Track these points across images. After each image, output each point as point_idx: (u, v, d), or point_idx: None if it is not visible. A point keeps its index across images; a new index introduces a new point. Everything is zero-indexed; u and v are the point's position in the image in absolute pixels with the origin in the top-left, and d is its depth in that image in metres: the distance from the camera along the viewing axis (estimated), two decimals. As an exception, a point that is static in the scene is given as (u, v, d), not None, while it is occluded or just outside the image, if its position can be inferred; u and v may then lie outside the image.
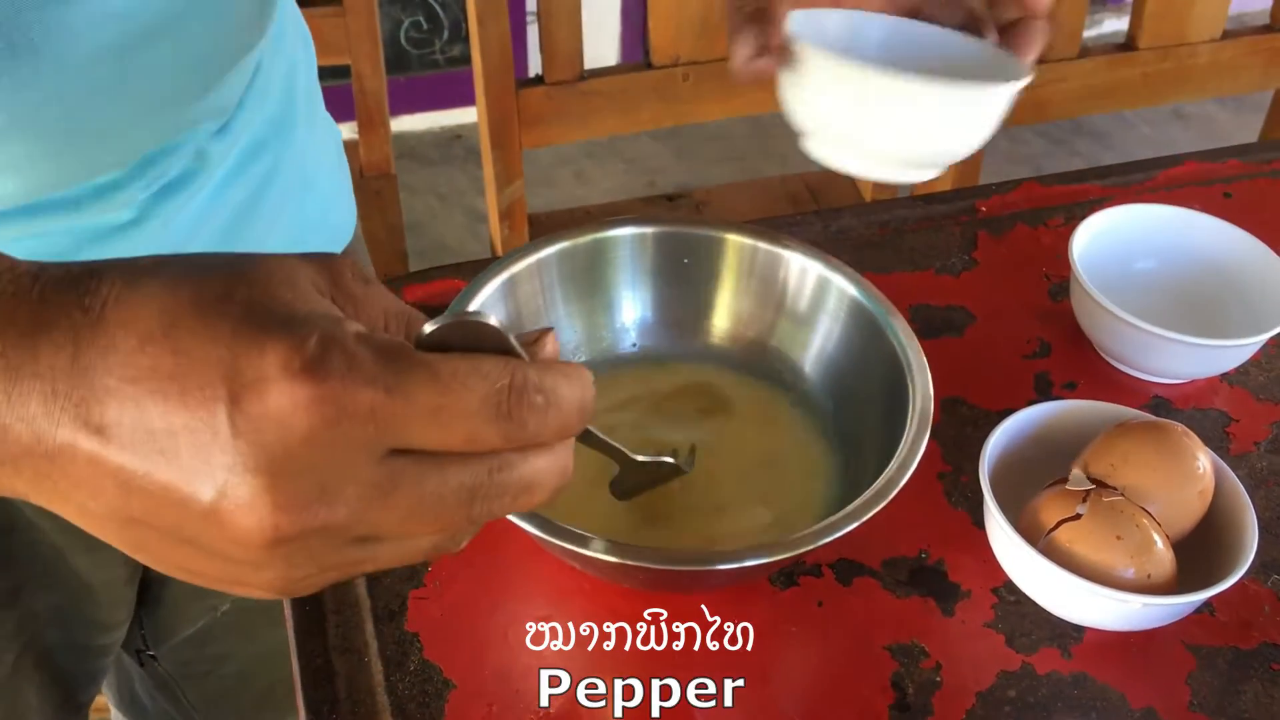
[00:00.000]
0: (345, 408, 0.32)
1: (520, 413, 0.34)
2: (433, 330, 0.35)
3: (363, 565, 0.36)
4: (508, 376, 0.34)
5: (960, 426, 0.66)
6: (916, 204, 0.82)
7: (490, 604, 0.57)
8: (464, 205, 2.17)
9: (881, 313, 0.60)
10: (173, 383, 0.32)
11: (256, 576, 0.35)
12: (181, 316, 0.33)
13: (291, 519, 0.33)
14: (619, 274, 0.65)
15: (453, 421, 0.33)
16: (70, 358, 0.33)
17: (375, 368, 0.33)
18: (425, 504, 0.34)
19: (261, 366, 0.32)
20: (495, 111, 1.19)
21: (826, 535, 0.51)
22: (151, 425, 0.32)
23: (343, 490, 0.33)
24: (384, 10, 2.11)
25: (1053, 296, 0.75)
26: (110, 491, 0.34)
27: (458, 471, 0.34)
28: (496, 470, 0.35)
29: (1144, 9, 1.28)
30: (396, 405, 0.33)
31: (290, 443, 0.32)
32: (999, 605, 0.58)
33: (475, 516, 0.35)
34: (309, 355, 0.32)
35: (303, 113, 0.70)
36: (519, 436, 0.35)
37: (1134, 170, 0.85)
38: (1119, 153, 2.32)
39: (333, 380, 0.32)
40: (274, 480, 0.32)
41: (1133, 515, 0.55)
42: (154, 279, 0.34)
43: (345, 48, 1.31)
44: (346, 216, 0.77)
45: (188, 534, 0.34)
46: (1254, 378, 0.70)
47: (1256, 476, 0.65)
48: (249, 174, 0.65)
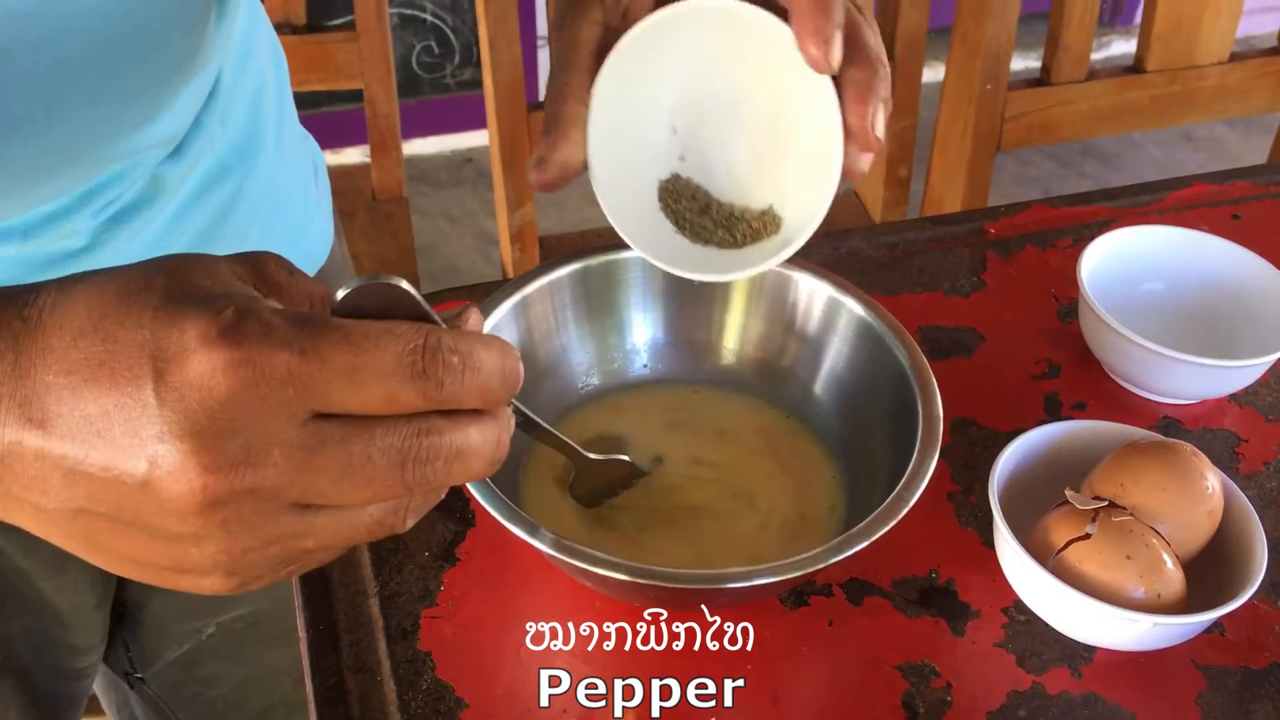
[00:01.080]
0: (263, 369, 0.34)
1: (435, 371, 0.35)
2: (346, 294, 0.36)
3: (303, 539, 0.37)
4: (421, 337, 0.35)
5: (970, 447, 0.67)
6: (925, 226, 0.82)
7: (502, 623, 0.57)
8: (475, 228, 2.18)
9: (890, 334, 0.61)
10: (103, 368, 0.34)
11: (199, 553, 0.36)
12: (108, 309, 0.35)
13: (219, 479, 0.34)
14: (630, 296, 0.65)
15: (369, 381, 0.35)
16: (11, 363, 0.35)
17: (290, 332, 0.34)
18: (354, 465, 0.35)
19: (181, 340, 0.34)
20: (506, 135, 1.20)
21: (836, 554, 0.51)
22: (87, 411, 0.34)
23: (268, 451, 0.35)
24: (396, 35, 2.13)
25: (1061, 318, 0.75)
26: (57, 483, 0.35)
27: (384, 433, 0.36)
28: (425, 433, 0.36)
29: (1151, 32, 1.29)
30: (312, 366, 0.34)
31: (212, 406, 0.34)
32: (1009, 625, 0.58)
33: (409, 481, 0.36)
34: (225, 323, 0.34)
35: (271, 134, 0.70)
36: (437, 396, 0.36)
37: (1142, 192, 0.86)
38: (1128, 174, 2.32)
39: (248, 344, 0.34)
40: (200, 443, 0.34)
41: (1142, 535, 0.55)
42: (84, 283, 0.36)
43: (358, 72, 1.32)
44: (322, 238, 0.77)
45: (129, 513, 0.35)
46: (1263, 398, 0.71)
47: (1266, 497, 0.65)
48: (211, 198, 0.65)
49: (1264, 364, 0.67)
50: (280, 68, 0.73)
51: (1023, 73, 1.36)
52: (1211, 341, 0.70)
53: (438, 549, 0.60)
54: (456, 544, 0.61)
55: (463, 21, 2.20)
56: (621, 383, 0.66)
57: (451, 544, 0.61)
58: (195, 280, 0.36)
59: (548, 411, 0.64)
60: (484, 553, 0.60)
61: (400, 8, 2.14)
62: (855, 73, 0.50)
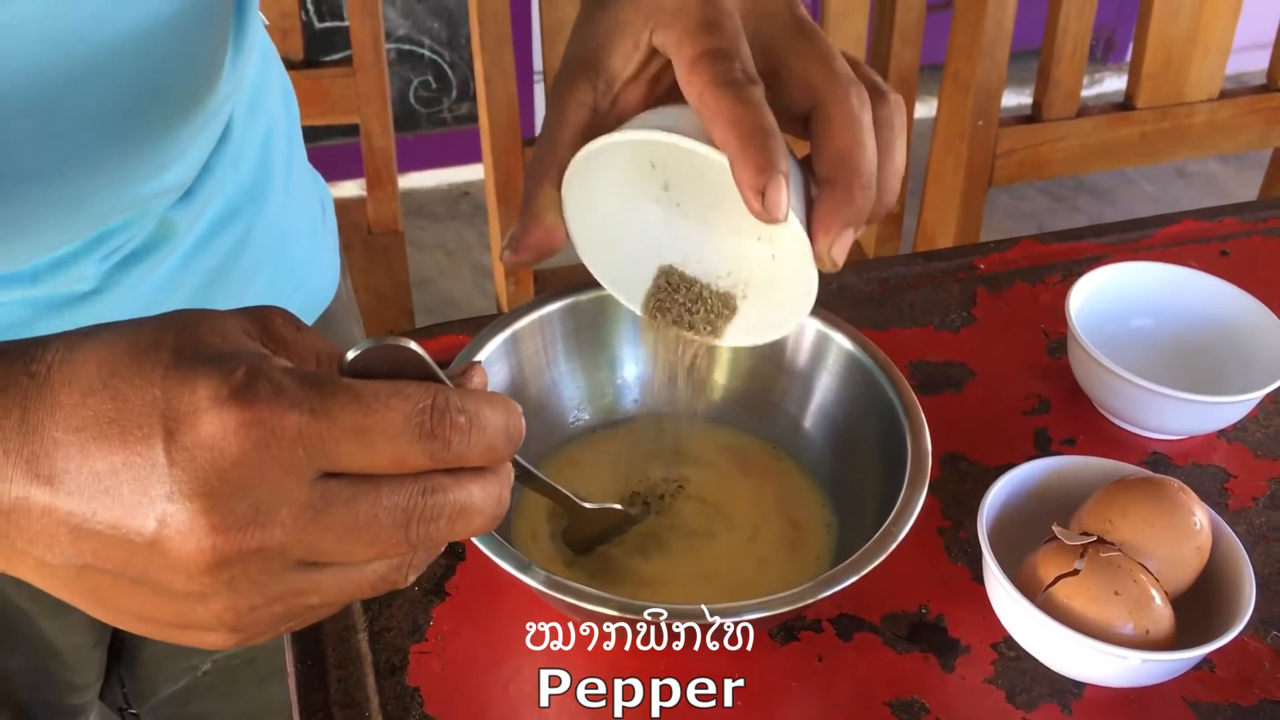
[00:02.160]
0: (273, 430, 0.34)
1: (443, 431, 0.36)
2: (356, 355, 0.37)
3: (308, 596, 0.37)
4: (429, 398, 0.36)
5: (960, 482, 0.67)
6: (916, 261, 0.83)
7: (491, 658, 0.57)
8: (471, 261, 2.19)
9: (880, 369, 0.61)
10: (113, 426, 0.34)
11: (205, 611, 0.36)
12: (118, 367, 0.35)
13: (228, 539, 0.34)
14: (621, 331, 0.65)
15: (378, 441, 0.35)
16: (19, 420, 0.35)
17: (300, 392, 0.34)
18: (360, 524, 0.36)
19: (193, 400, 0.34)
20: (502, 170, 1.21)
21: (826, 589, 0.51)
22: (96, 468, 0.34)
23: (277, 511, 0.35)
24: (394, 69, 2.15)
25: (1051, 353, 0.76)
26: (63, 540, 0.35)
27: (390, 492, 0.36)
28: (430, 491, 0.37)
29: (1142, 69, 1.30)
30: (322, 426, 0.34)
31: (223, 466, 0.34)
32: (999, 661, 0.58)
33: (413, 539, 0.37)
34: (236, 384, 0.34)
35: (280, 175, 0.70)
36: (444, 456, 0.36)
37: (1131, 229, 0.86)
38: (1121, 209, 2.34)
39: (259, 405, 0.34)
40: (210, 503, 0.34)
41: (1130, 571, 0.55)
42: (93, 340, 0.36)
43: (355, 107, 1.33)
44: (328, 277, 0.77)
45: (135, 571, 0.35)
46: (1252, 434, 0.71)
47: (1255, 532, 0.65)
48: (220, 241, 0.65)
49: (1251, 400, 0.67)
50: (290, 108, 0.74)
51: (1014, 109, 1.37)
52: (1200, 377, 0.71)
53: (427, 584, 0.60)
54: (446, 579, 0.61)
55: (460, 57, 2.21)
56: (613, 417, 0.66)
57: (441, 579, 0.61)
58: (205, 338, 0.36)
59: (540, 446, 0.64)
60: (474, 588, 0.60)
61: (398, 43, 2.16)
62: (828, 192, 0.49)
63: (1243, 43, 1.35)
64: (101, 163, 0.55)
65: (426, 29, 2.18)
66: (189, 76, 0.59)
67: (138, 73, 0.55)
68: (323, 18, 2.05)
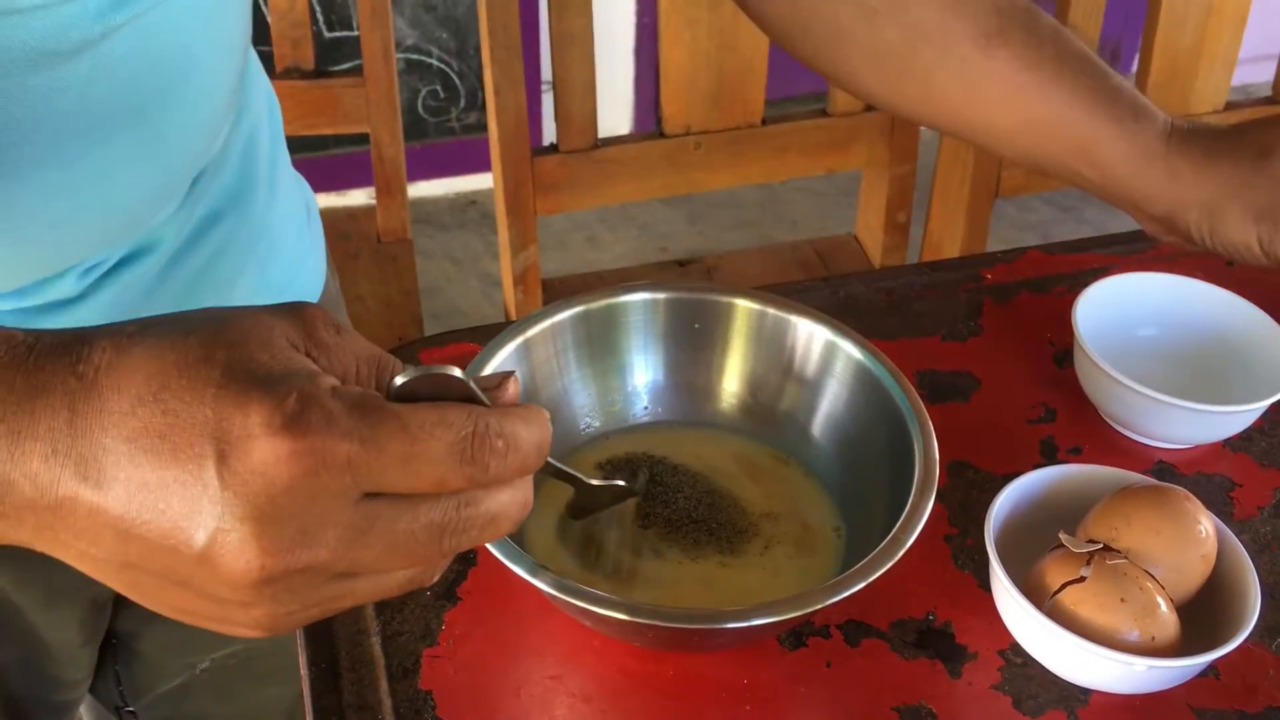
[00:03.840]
0: (324, 459, 0.35)
1: (483, 457, 0.37)
2: (404, 383, 0.38)
3: (342, 601, 0.39)
4: (471, 425, 0.37)
5: (967, 490, 0.67)
6: (923, 271, 0.83)
7: (503, 662, 0.58)
8: (479, 270, 2.19)
9: (888, 378, 0.62)
10: (164, 441, 0.35)
11: (245, 614, 0.38)
12: (169, 380, 0.36)
13: (276, 560, 0.36)
14: (631, 339, 0.66)
15: (422, 468, 0.36)
16: (67, 421, 0.36)
17: (350, 421, 0.36)
18: (399, 540, 0.37)
19: (246, 425, 0.35)
20: (511, 179, 1.22)
21: (834, 595, 0.52)
22: (146, 479, 0.35)
23: (323, 533, 0.36)
24: (402, 79, 2.16)
25: (1057, 363, 0.76)
26: (109, 539, 0.36)
27: (428, 509, 0.37)
28: (464, 505, 0.38)
29: (1147, 81, 1.31)
30: (370, 455, 0.36)
31: (274, 493, 0.35)
32: (1006, 668, 0.59)
33: (445, 550, 0.38)
34: (289, 413, 0.35)
35: (264, 179, 0.71)
36: (482, 478, 0.38)
37: (1138, 240, 0.87)
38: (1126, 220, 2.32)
39: (312, 435, 0.35)
40: (260, 527, 0.35)
41: (1137, 578, 0.56)
42: (140, 345, 0.37)
43: (365, 117, 1.34)
44: (314, 278, 0.78)
45: (180, 576, 0.37)
46: (1257, 443, 0.71)
47: (1260, 541, 0.65)
48: (203, 245, 0.66)
49: (1257, 410, 0.67)
50: (274, 112, 0.74)
51: (1021, 120, 1.37)
52: (1205, 387, 0.71)
53: (439, 588, 0.61)
54: (458, 583, 0.61)
55: (468, 66, 2.22)
56: (622, 425, 0.67)
57: (453, 583, 0.61)
58: (255, 355, 0.36)
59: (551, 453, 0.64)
60: (486, 592, 0.61)
61: (407, 52, 2.17)
62: None
63: (1248, 54, 1.36)
64: (114, 205, 0.56)
65: (435, 38, 2.19)
66: (211, 122, 0.61)
67: (165, 124, 0.56)
68: (332, 27, 2.06)
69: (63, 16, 0.49)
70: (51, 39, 0.49)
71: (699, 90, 1.24)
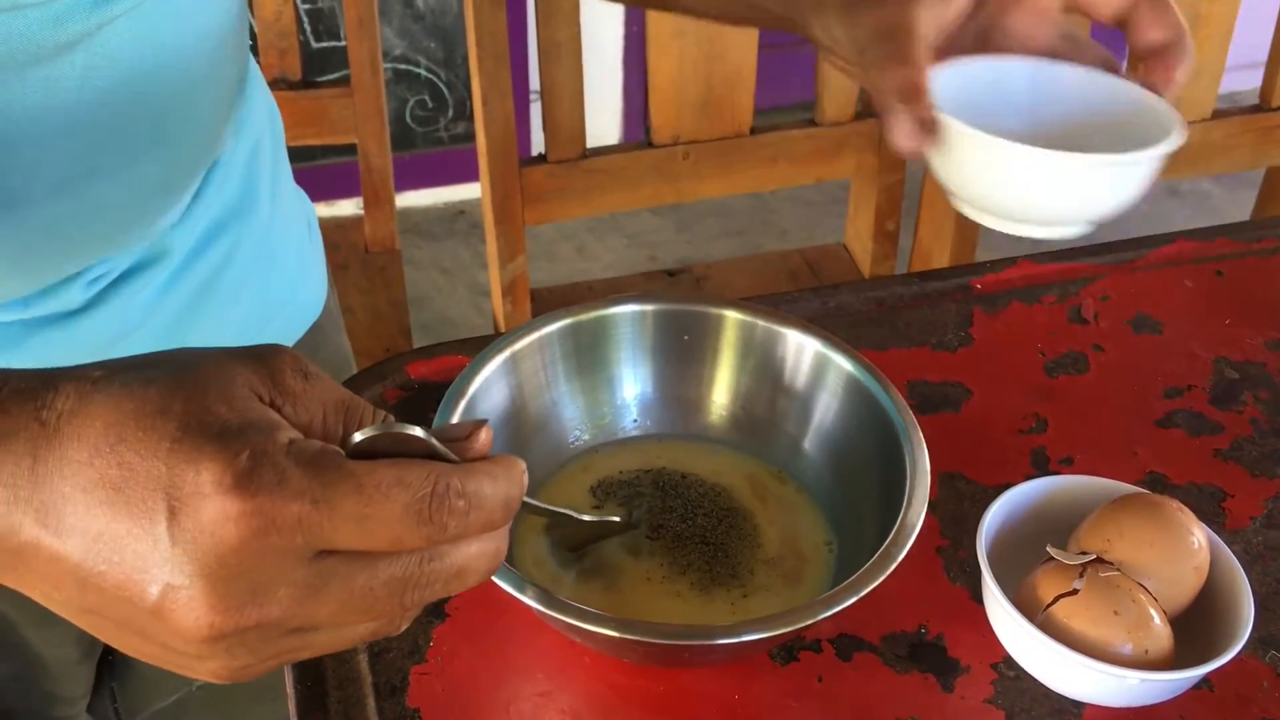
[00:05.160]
0: (274, 519, 0.35)
1: (441, 518, 0.37)
2: (362, 440, 0.38)
3: (300, 653, 0.39)
4: (430, 485, 0.37)
5: (958, 501, 0.67)
6: (913, 281, 0.83)
7: (492, 679, 0.57)
8: (467, 279, 2.19)
9: (879, 388, 0.61)
10: (119, 493, 0.35)
11: (201, 666, 0.38)
12: (126, 432, 0.36)
13: (226, 618, 0.36)
14: (620, 351, 0.66)
15: (377, 529, 0.36)
16: (29, 468, 0.36)
17: (303, 481, 0.35)
18: (356, 597, 0.37)
19: (197, 482, 0.35)
20: (499, 189, 1.21)
21: (825, 610, 0.51)
22: (101, 530, 0.35)
23: (275, 591, 0.36)
24: (390, 89, 2.15)
25: (1048, 372, 0.76)
26: (69, 586, 0.37)
27: (387, 566, 0.37)
28: (427, 561, 0.38)
29: (1135, 89, 1.31)
30: (322, 515, 0.35)
31: (223, 552, 0.35)
32: (999, 681, 0.58)
33: (408, 604, 0.38)
34: (240, 470, 0.35)
35: (266, 191, 0.70)
36: (441, 538, 0.37)
37: (1126, 248, 0.87)
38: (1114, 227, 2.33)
39: (261, 495, 0.35)
40: (209, 585, 0.35)
41: (1129, 591, 0.55)
42: (102, 392, 0.37)
43: (352, 127, 1.34)
44: (316, 293, 0.78)
45: (137, 626, 0.37)
46: (1248, 453, 0.71)
47: (1252, 552, 0.65)
48: (207, 256, 0.66)
49: (1144, 162, 0.58)
50: (275, 125, 0.74)
51: (1009, 129, 1.37)
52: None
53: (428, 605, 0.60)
54: (446, 599, 0.61)
55: (456, 76, 2.22)
56: (611, 438, 0.67)
57: (441, 599, 0.61)
58: (213, 407, 0.36)
59: (539, 468, 0.64)
60: (474, 608, 0.60)
61: (394, 62, 2.17)
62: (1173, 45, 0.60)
63: (1235, 62, 1.36)
64: (116, 200, 0.56)
65: (423, 48, 2.18)
66: (209, 121, 0.60)
67: (163, 110, 0.55)
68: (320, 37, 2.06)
69: (59, 9, 0.49)
70: (48, 32, 0.49)
71: (687, 100, 1.24)
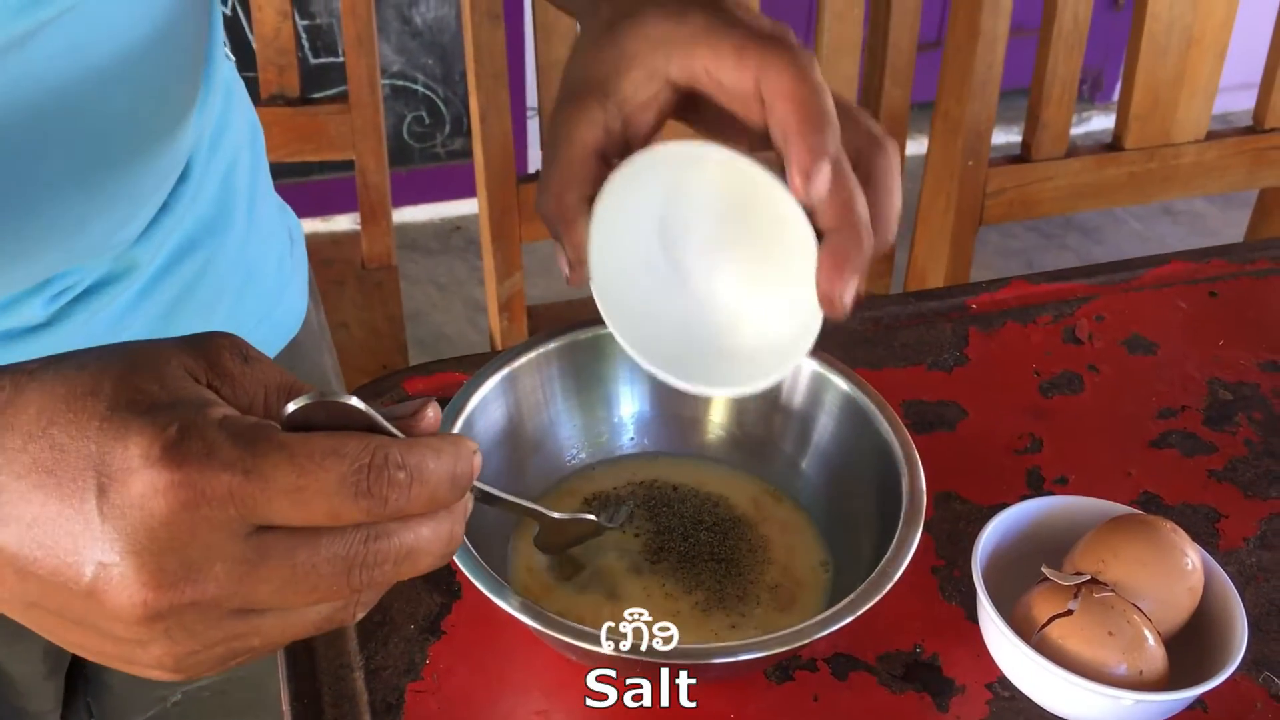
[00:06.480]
0: (204, 491, 0.34)
1: (380, 489, 0.36)
2: (295, 410, 0.37)
3: (249, 638, 0.37)
4: (367, 455, 0.36)
5: (954, 521, 0.67)
6: (908, 301, 0.83)
7: (488, 697, 0.57)
8: (463, 295, 2.19)
9: (874, 408, 0.62)
10: (50, 476, 0.35)
11: (145, 654, 0.37)
12: (56, 415, 0.35)
13: (160, 595, 0.35)
14: (618, 370, 0.66)
15: (312, 500, 0.35)
16: None
17: (233, 452, 0.35)
18: (299, 575, 0.36)
19: (125, 457, 0.34)
20: (496, 206, 1.22)
21: (822, 629, 0.51)
22: (35, 515, 0.35)
23: (210, 567, 0.35)
24: (388, 105, 2.16)
25: (1043, 392, 0.76)
26: (10, 578, 0.36)
27: (330, 543, 0.36)
28: (372, 539, 0.37)
29: (1129, 111, 1.32)
30: (254, 487, 0.35)
31: (153, 525, 0.34)
32: (994, 701, 0.59)
33: (356, 584, 0.37)
34: (167, 441, 0.34)
35: (243, 207, 0.70)
36: (381, 512, 0.36)
37: (1121, 269, 0.87)
38: (1109, 247, 2.35)
39: (190, 466, 0.34)
40: (141, 560, 0.34)
41: (1124, 611, 0.56)
42: (37, 380, 0.36)
43: (350, 143, 1.34)
44: (296, 307, 0.77)
45: (77, 615, 0.36)
46: (1242, 474, 0.72)
47: (1246, 573, 0.65)
48: (178, 273, 0.65)
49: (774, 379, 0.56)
50: (256, 140, 0.73)
51: (1004, 147, 1.38)
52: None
53: (424, 622, 0.61)
54: (442, 617, 0.61)
55: (453, 92, 2.23)
56: (609, 456, 0.67)
57: (437, 617, 0.61)
58: (143, 386, 0.36)
59: (536, 485, 0.64)
60: (470, 625, 0.60)
61: (392, 79, 2.18)
62: (835, 239, 0.49)
63: (1229, 82, 1.37)
64: (64, 213, 0.55)
65: (420, 65, 2.19)
66: (159, 126, 0.59)
67: (106, 120, 0.54)
68: (318, 54, 2.07)
69: None
70: None
71: (684, 118, 1.24)
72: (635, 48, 0.52)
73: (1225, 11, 1.28)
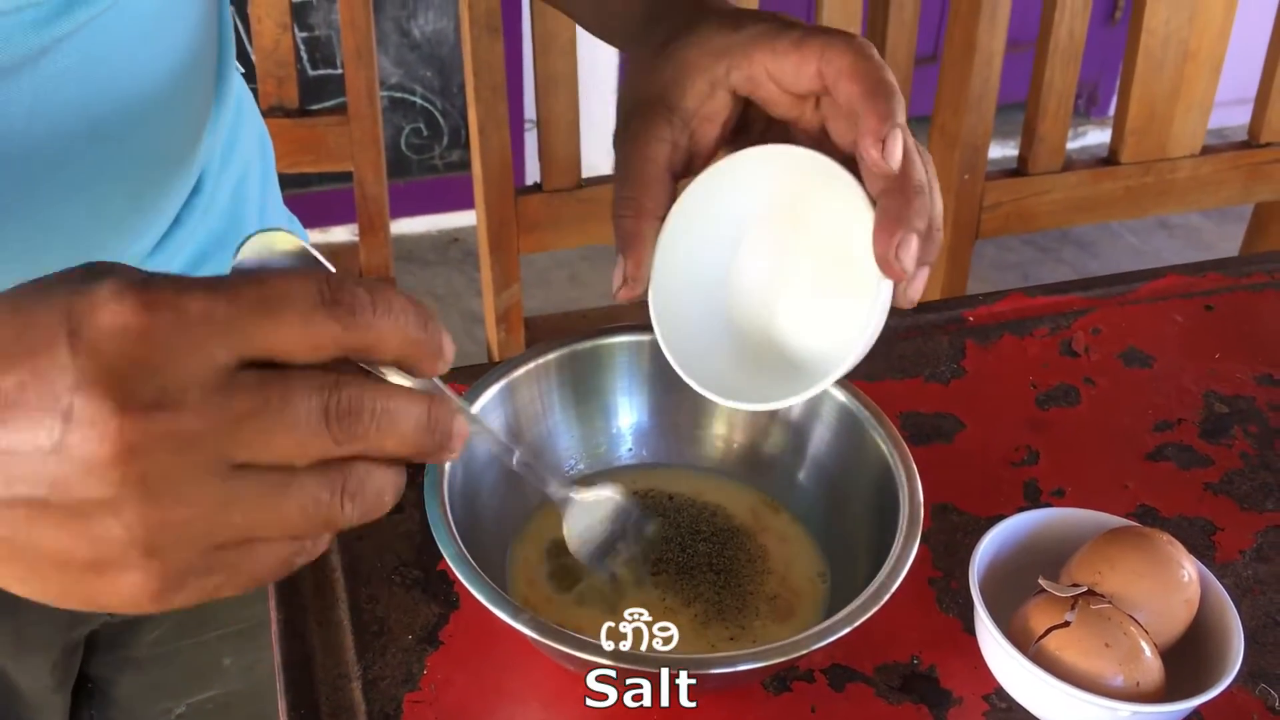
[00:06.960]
0: (176, 307, 0.34)
1: (345, 298, 0.36)
2: (243, 245, 0.39)
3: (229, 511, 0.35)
4: (327, 275, 0.36)
5: (951, 533, 0.67)
6: (906, 314, 0.84)
7: (486, 707, 0.57)
8: (460, 306, 2.20)
9: (872, 420, 0.62)
10: (19, 342, 0.34)
11: (118, 524, 0.34)
12: (24, 290, 0.35)
13: (134, 421, 0.33)
14: (616, 380, 0.66)
15: (283, 309, 0.35)
16: None
17: (200, 281, 0.35)
18: (272, 409, 0.35)
19: (93, 297, 0.34)
20: (494, 218, 1.22)
21: (820, 640, 0.52)
22: (3, 386, 0.34)
23: (185, 392, 0.34)
24: (386, 116, 2.16)
25: (1040, 405, 0.77)
26: None
27: (302, 379, 0.36)
28: (343, 384, 0.36)
29: (1125, 126, 1.32)
30: (224, 301, 0.35)
31: (125, 345, 0.34)
32: (991, 713, 0.59)
33: (336, 436, 0.36)
34: (137, 278, 0.34)
35: (253, 220, 0.70)
36: (351, 322, 0.36)
37: (1117, 282, 0.88)
38: (1105, 261, 2.36)
39: (158, 290, 0.34)
40: (113, 381, 0.33)
41: (1121, 623, 0.56)
42: None
43: (349, 155, 1.34)
44: None
45: (44, 487, 0.34)
46: (1238, 487, 0.72)
47: (1242, 585, 0.66)
48: None
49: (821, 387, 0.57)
50: (266, 153, 0.74)
51: (1000, 161, 1.39)
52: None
53: (421, 632, 0.61)
54: (440, 627, 0.61)
55: (451, 104, 2.24)
56: (607, 467, 0.67)
57: (435, 627, 0.61)
58: (113, 265, 0.36)
59: (534, 496, 0.64)
60: (468, 636, 0.60)
61: (390, 90, 2.18)
62: (886, 201, 0.51)
63: (1225, 97, 1.38)
64: (78, 228, 0.55)
65: (419, 77, 2.20)
66: (174, 143, 0.59)
67: (121, 137, 0.55)
68: (316, 65, 2.07)
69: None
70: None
71: (682, 131, 1.24)
72: (695, 59, 0.53)
73: (1221, 26, 1.29)
